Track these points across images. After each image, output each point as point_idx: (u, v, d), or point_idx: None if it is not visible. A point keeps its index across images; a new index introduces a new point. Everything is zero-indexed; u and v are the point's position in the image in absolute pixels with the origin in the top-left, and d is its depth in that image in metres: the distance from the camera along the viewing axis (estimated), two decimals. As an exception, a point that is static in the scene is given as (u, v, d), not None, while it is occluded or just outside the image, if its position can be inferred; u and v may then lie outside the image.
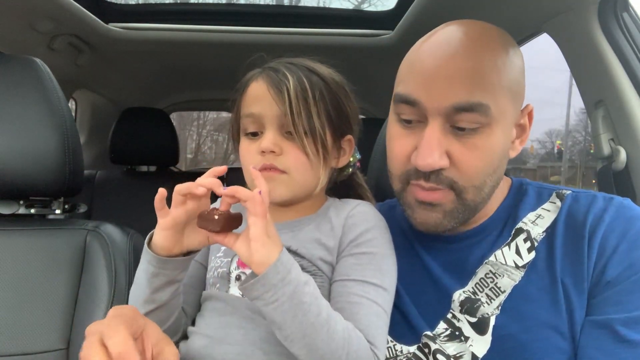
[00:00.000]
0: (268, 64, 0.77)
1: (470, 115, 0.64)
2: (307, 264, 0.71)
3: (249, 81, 0.76)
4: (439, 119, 0.65)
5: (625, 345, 0.60)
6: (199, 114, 18.50)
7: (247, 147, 0.75)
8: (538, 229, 0.70)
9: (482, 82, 0.64)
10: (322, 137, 0.72)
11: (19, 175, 0.91)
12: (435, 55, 0.67)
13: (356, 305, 0.66)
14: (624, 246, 0.63)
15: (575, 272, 0.65)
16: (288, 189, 0.72)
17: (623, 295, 0.62)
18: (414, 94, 0.67)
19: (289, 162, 0.71)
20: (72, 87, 2.10)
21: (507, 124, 0.68)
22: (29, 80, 0.93)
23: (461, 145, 0.66)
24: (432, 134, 0.65)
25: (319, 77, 0.75)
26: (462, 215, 0.69)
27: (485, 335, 0.67)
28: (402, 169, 0.71)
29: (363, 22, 1.80)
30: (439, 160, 0.65)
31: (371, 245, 0.71)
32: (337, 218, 0.75)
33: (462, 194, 0.67)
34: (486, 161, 0.67)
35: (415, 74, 0.69)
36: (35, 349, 0.84)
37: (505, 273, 0.69)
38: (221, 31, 1.76)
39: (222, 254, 0.77)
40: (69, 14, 1.48)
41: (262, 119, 0.72)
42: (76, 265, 0.91)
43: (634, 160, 0.98)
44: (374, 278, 0.69)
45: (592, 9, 1.00)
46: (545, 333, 0.64)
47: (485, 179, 0.68)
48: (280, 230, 0.74)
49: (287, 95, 0.70)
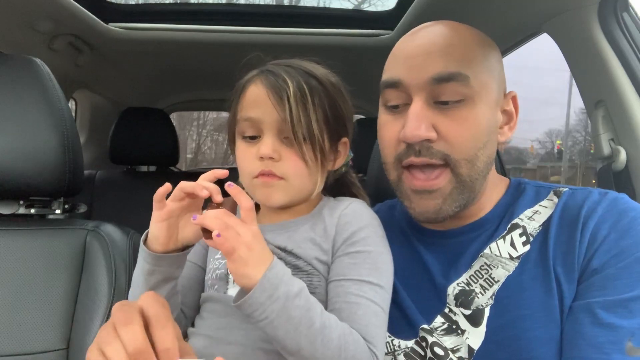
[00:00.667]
0: (266, 67, 0.76)
1: (450, 85, 0.66)
2: (303, 264, 0.71)
3: (247, 84, 0.75)
4: (422, 95, 0.68)
5: (602, 328, 0.60)
6: (199, 114, 18.49)
7: (244, 151, 0.74)
8: (534, 224, 0.71)
9: (459, 55, 0.68)
10: (321, 143, 0.72)
11: (19, 175, 0.91)
12: (415, 40, 0.72)
13: (354, 306, 0.66)
14: (613, 235, 0.64)
15: (566, 262, 0.66)
16: (285, 195, 0.73)
17: (607, 281, 0.62)
18: (395, 76, 0.71)
19: (288, 168, 0.71)
20: (72, 87, 2.09)
21: (490, 101, 0.70)
22: (29, 80, 0.93)
23: (446, 118, 0.68)
24: (416, 108, 0.68)
25: (317, 80, 0.74)
26: (461, 196, 0.70)
27: (480, 327, 0.68)
28: (394, 153, 0.72)
29: (363, 22, 1.80)
30: (426, 131, 0.67)
31: (365, 243, 0.71)
32: (330, 217, 0.75)
33: (457, 169, 0.68)
34: (473, 132, 0.68)
35: (397, 59, 0.73)
36: (35, 349, 0.84)
37: (499, 264, 0.70)
38: (221, 31, 1.76)
39: (220, 256, 0.77)
40: (69, 14, 1.48)
41: (261, 124, 0.72)
42: (76, 265, 0.91)
43: (634, 160, 0.98)
44: (370, 276, 0.69)
45: (592, 9, 1.00)
46: (539, 322, 0.65)
47: (476, 152, 0.69)
48: (276, 230, 0.75)
49: (287, 102, 0.69)
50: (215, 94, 2.76)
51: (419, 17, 1.48)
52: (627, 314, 0.59)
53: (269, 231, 0.74)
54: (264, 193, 0.72)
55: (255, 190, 0.73)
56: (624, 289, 0.60)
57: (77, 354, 0.84)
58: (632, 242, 0.63)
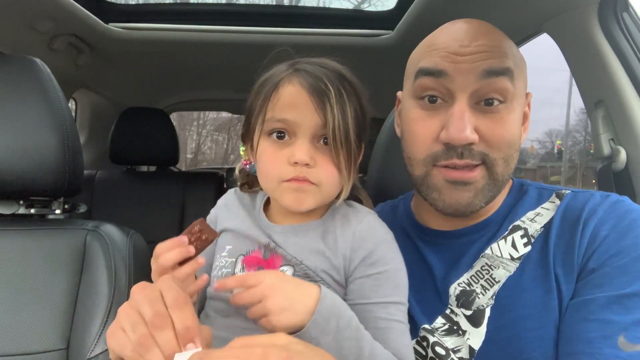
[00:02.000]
0: (299, 64, 0.72)
1: (499, 80, 0.66)
2: (313, 274, 0.71)
3: (282, 82, 0.70)
4: (466, 93, 0.67)
5: (595, 323, 0.60)
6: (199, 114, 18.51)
7: (273, 153, 0.69)
8: (536, 226, 0.71)
9: (505, 55, 0.68)
10: (355, 149, 0.70)
11: (19, 175, 0.91)
12: (456, 37, 0.70)
13: (385, 331, 0.66)
14: (613, 236, 0.64)
15: (566, 262, 0.66)
16: (316, 200, 0.71)
17: (604, 279, 0.62)
18: (440, 65, 0.69)
19: (322, 175, 0.69)
20: (72, 87, 2.10)
21: (521, 103, 0.71)
22: (29, 80, 0.92)
23: (488, 120, 0.68)
24: (461, 108, 0.67)
25: (348, 83, 0.71)
26: (490, 193, 0.70)
27: (480, 327, 0.68)
28: (427, 152, 0.71)
29: (363, 22, 1.80)
30: (471, 134, 0.66)
31: (384, 262, 0.70)
32: (342, 230, 0.73)
33: (493, 167, 0.69)
34: (511, 133, 0.69)
35: (440, 50, 0.70)
36: (35, 349, 0.83)
37: (500, 265, 0.70)
38: (221, 31, 1.76)
39: (226, 254, 0.77)
40: (69, 14, 1.48)
41: (297, 127, 0.68)
42: (76, 265, 0.91)
43: (634, 160, 0.98)
44: (393, 296, 0.69)
45: (592, 9, 1.00)
46: (539, 322, 0.65)
47: (512, 153, 0.70)
48: (286, 233, 0.74)
49: (329, 108, 0.66)
50: (215, 94, 2.76)
51: (419, 17, 1.48)
52: (621, 310, 0.59)
53: (279, 232, 0.74)
54: (294, 198, 0.69)
55: (282, 194, 0.70)
56: (620, 286, 0.60)
57: (77, 354, 0.84)
58: (631, 242, 0.63)
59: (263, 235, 0.75)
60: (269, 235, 0.74)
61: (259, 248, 0.74)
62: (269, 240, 0.74)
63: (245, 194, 0.84)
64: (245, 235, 0.76)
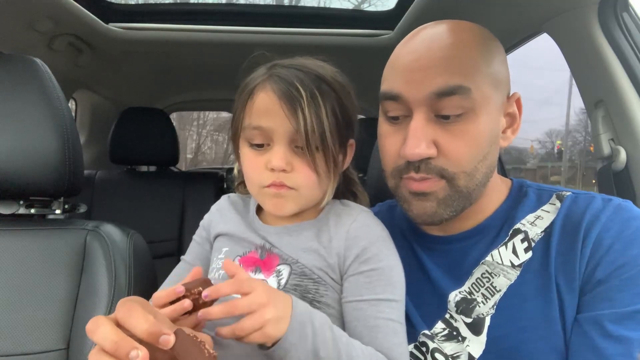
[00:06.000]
0: (274, 69, 0.72)
1: (452, 99, 0.65)
2: (309, 272, 0.71)
3: (256, 89, 0.71)
4: (423, 109, 0.67)
5: (611, 340, 0.59)
6: (199, 114, 18.51)
7: (252, 160, 0.71)
8: (536, 229, 0.70)
9: (459, 68, 0.66)
10: (333, 152, 0.70)
11: (19, 175, 0.91)
12: (413, 51, 0.70)
13: (374, 329, 0.66)
14: (618, 245, 0.63)
15: (567, 271, 0.65)
16: (296, 204, 0.71)
17: (613, 292, 0.61)
18: (395, 89, 0.69)
19: (299, 180, 0.69)
20: (72, 87, 2.10)
21: (493, 110, 0.68)
22: (29, 80, 0.92)
23: (447, 133, 0.66)
24: (417, 124, 0.67)
25: (327, 85, 0.71)
26: (456, 202, 0.69)
27: (481, 335, 0.67)
28: (394, 165, 0.72)
29: (363, 22, 1.80)
30: (427, 149, 0.66)
31: (378, 259, 0.70)
32: (336, 228, 0.73)
33: (454, 181, 0.67)
34: (473, 147, 0.67)
35: (395, 70, 0.71)
36: (35, 349, 0.83)
37: (501, 272, 0.69)
38: (221, 31, 1.76)
39: (223, 256, 0.77)
40: (69, 14, 1.48)
41: (272, 134, 0.69)
42: (76, 266, 0.91)
43: (634, 160, 0.98)
44: (384, 293, 0.68)
45: (592, 9, 1.00)
46: (539, 333, 0.64)
47: (475, 165, 0.68)
48: (280, 234, 0.74)
49: (300, 112, 0.66)
50: (215, 94, 2.76)
51: (419, 17, 1.48)
52: (635, 326, 0.59)
53: (273, 233, 0.74)
54: (274, 203, 0.71)
55: (265, 199, 0.72)
56: (631, 300, 0.60)
57: (77, 354, 0.84)
58: (637, 252, 0.62)
59: (257, 237, 0.75)
60: (264, 237, 0.75)
61: (255, 249, 0.75)
62: (263, 241, 0.74)
63: (238, 199, 0.85)
64: (241, 237, 0.76)
